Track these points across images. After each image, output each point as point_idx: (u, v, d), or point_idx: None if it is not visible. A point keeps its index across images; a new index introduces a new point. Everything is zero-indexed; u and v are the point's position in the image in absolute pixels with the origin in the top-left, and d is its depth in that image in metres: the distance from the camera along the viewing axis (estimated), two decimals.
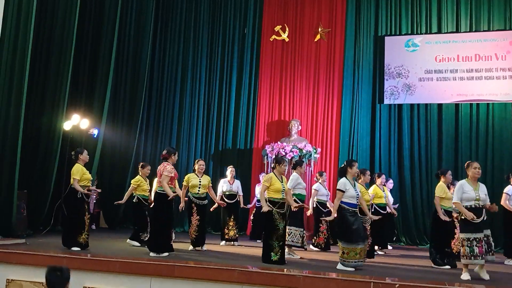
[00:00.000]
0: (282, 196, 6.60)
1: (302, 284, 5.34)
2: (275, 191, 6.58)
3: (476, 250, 5.70)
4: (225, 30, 13.52)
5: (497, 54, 11.77)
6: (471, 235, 5.76)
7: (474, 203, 5.89)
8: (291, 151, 11.49)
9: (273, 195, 6.59)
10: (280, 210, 6.56)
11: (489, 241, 5.83)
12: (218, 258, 7.02)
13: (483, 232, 5.77)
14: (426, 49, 12.23)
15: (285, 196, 6.63)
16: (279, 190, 6.57)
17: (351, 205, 6.24)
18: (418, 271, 6.70)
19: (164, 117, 13.45)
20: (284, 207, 6.63)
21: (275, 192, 6.58)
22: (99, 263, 6.07)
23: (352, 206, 6.25)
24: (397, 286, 5.07)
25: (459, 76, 11.97)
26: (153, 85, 13.55)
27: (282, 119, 12.80)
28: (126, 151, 12.33)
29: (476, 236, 5.74)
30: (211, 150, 13.10)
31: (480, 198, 5.89)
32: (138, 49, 12.88)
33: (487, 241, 5.79)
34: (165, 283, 5.75)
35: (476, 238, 5.73)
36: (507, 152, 11.34)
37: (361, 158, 12.10)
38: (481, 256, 5.68)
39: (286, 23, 13.13)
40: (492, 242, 5.90)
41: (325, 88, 12.69)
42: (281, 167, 6.73)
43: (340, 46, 12.74)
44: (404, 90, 12.25)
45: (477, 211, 5.85)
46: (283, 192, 6.61)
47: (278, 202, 6.58)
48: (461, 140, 11.73)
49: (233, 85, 13.25)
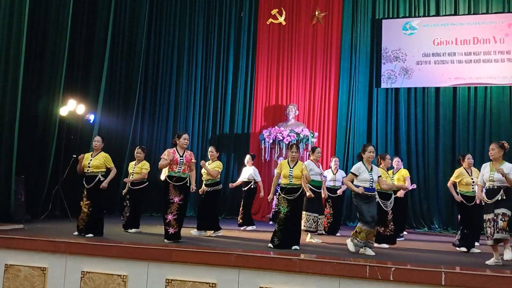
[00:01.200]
0: (290, 181, 6.71)
1: (298, 267, 5.37)
2: (284, 177, 6.79)
3: (488, 231, 5.84)
4: (221, 14, 13.42)
5: (496, 37, 11.71)
6: (486, 216, 5.91)
7: (489, 184, 5.94)
8: (288, 135, 11.49)
9: (282, 180, 6.82)
10: (287, 195, 6.65)
11: (497, 220, 5.80)
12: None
13: (492, 213, 5.84)
14: (423, 32, 12.17)
15: (294, 181, 6.72)
16: (286, 175, 6.75)
17: (364, 189, 6.35)
18: (413, 255, 6.76)
19: (161, 102, 13.42)
20: (293, 193, 6.69)
21: (283, 177, 6.81)
22: (97, 248, 6.08)
23: (365, 190, 6.35)
24: (393, 270, 5.10)
25: (457, 59, 11.93)
26: (148, 70, 13.48)
27: (280, 103, 12.77)
28: (122, 136, 12.32)
29: (487, 217, 5.88)
30: (208, 134, 13.09)
31: (494, 179, 5.88)
32: (133, 33, 12.80)
33: (495, 219, 5.81)
34: (163, 268, 5.78)
35: (488, 219, 5.87)
36: (504, 135, 11.31)
37: (358, 142, 12.12)
38: (490, 237, 5.81)
39: (282, 6, 13.03)
40: (501, 220, 5.79)
41: (322, 72, 12.66)
42: (290, 153, 6.90)
43: (337, 29, 12.67)
44: (401, 74, 12.21)
45: (492, 193, 5.90)
46: (291, 177, 6.70)
47: (284, 187, 6.73)
48: (458, 123, 11.74)
49: (230, 69, 13.20)
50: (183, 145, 7.02)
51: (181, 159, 6.91)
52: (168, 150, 7.02)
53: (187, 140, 7.08)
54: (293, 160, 6.86)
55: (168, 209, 6.82)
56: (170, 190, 6.84)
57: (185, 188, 6.96)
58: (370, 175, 6.41)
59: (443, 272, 4.97)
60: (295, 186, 6.73)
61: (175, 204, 6.82)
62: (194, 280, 5.65)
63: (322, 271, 5.31)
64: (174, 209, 6.81)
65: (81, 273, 5.98)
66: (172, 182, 6.84)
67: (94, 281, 5.94)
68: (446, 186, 11.38)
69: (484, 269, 5.24)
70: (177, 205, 6.82)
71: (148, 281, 5.82)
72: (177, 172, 6.89)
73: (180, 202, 6.84)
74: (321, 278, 5.31)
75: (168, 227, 6.79)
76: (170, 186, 6.85)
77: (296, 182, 6.74)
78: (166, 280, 5.72)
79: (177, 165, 6.88)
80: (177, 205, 6.82)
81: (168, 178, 6.91)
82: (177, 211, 6.82)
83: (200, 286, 5.62)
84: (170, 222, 6.78)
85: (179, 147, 7.01)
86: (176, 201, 6.82)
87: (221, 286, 5.58)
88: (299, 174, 6.76)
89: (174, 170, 6.89)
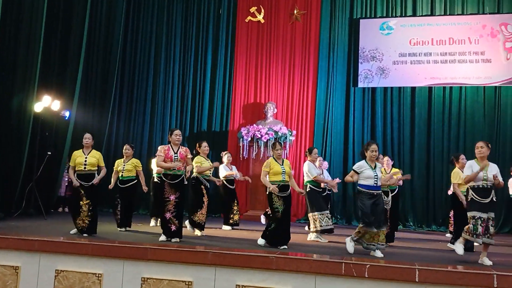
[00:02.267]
0: (283, 178, 6.67)
1: (275, 265, 5.38)
2: (275, 174, 6.68)
3: (479, 230, 5.77)
4: (200, 10, 13.36)
5: (470, 38, 11.92)
6: (478, 214, 5.81)
7: (482, 183, 5.88)
8: (266, 133, 11.52)
9: (273, 178, 6.69)
10: (280, 193, 6.60)
11: (488, 225, 5.81)
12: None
13: (487, 213, 5.82)
14: (400, 32, 12.31)
15: (286, 178, 6.68)
16: (278, 172, 6.67)
17: (367, 187, 6.17)
18: (391, 252, 6.83)
19: (137, 98, 13.31)
20: (285, 190, 6.67)
21: (275, 175, 6.68)
22: (71, 246, 6.00)
23: (368, 188, 6.16)
24: (368, 267, 5.15)
25: (433, 60, 12.10)
26: (125, 66, 13.36)
27: (258, 101, 12.77)
28: (98, 132, 12.10)
29: (481, 216, 5.79)
30: (186, 132, 13.02)
31: (488, 178, 5.86)
32: (110, 29, 12.65)
33: (487, 223, 5.80)
34: (138, 266, 5.73)
35: (481, 217, 5.78)
36: (478, 135, 11.54)
37: (335, 140, 12.24)
38: (482, 236, 5.76)
39: (261, 4, 13.04)
40: (492, 226, 5.87)
41: (301, 71, 12.70)
42: (275, 152, 6.81)
43: (316, 28, 12.73)
44: (378, 74, 12.34)
45: (485, 192, 5.87)
46: (284, 174, 6.67)
47: (278, 184, 6.66)
48: (433, 123, 11.92)
49: (208, 66, 13.15)
50: (175, 142, 6.92)
51: (176, 156, 6.84)
52: (162, 147, 6.95)
53: (178, 136, 6.95)
54: (279, 157, 6.82)
55: (165, 207, 6.77)
56: (166, 188, 6.80)
57: (181, 185, 6.88)
58: (374, 171, 6.19)
59: (417, 269, 5.04)
60: (287, 183, 6.71)
61: (172, 202, 6.77)
62: (170, 278, 5.62)
63: (298, 268, 5.33)
64: (172, 206, 6.77)
65: (55, 271, 5.89)
66: (168, 180, 6.79)
67: (68, 280, 5.86)
68: (422, 183, 11.71)
69: (457, 266, 5.32)
70: (174, 202, 6.78)
71: (124, 279, 5.76)
72: (171, 170, 6.82)
73: (176, 200, 6.79)
74: (297, 276, 5.34)
75: (170, 225, 6.71)
76: (165, 184, 6.79)
77: (287, 179, 6.72)
78: (142, 278, 5.68)
79: (172, 162, 6.81)
80: (174, 203, 6.78)
81: (164, 176, 6.85)
82: (175, 209, 6.78)
83: (176, 284, 5.60)
84: (170, 219, 6.72)
85: (173, 144, 6.93)
86: (172, 199, 6.78)
87: (197, 284, 5.56)
88: (289, 171, 6.76)
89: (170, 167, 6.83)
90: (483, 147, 5.99)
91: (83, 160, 7.05)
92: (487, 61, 11.76)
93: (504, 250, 7.52)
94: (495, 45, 11.78)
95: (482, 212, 5.80)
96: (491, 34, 11.81)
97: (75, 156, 7.12)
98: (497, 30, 11.77)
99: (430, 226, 11.54)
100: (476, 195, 5.88)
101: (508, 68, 11.62)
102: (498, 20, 11.80)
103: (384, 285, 5.11)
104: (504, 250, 7.52)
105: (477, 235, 5.78)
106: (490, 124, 11.62)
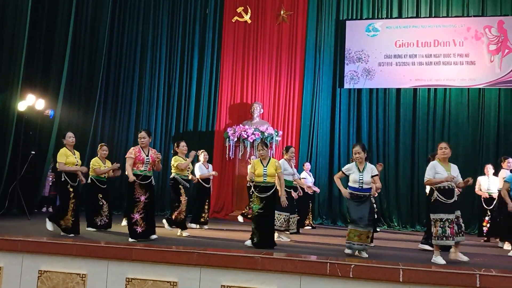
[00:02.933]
0: (264, 179, 6.66)
1: (260, 265, 5.39)
2: (257, 175, 6.70)
3: (448, 231, 5.76)
4: (186, 10, 13.31)
5: (455, 40, 12.05)
6: (444, 216, 5.81)
7: (447, 184, 5.92)
8: (253, 134, 11.52)
9: (256, 179, 6.71)
10: (260, 194, 6.61)
11: (459, 222, 5.90)
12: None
13: (454, 213, 5.85)
14: (386, 34, 12.40)
15: (268, 180, 6.68)
16: (260, 174, 6.68)
17: (353, 189, 6.22)
18: (376, 252, 6.87)
19: (123, 98, 13.21)
20: (266, 191, 6.63)
21: (257, 177, 6.70)
22: (55, 246, 5.95)
23: (354, 190, 6.22)
24: (353, 267, 5.18)
25: (418, 61, 12.21)
26: (111, 65, 13.26)
27: (244, 101, 12.77)
28: (83, 132, 12.01)
29: (448, 217, 5.80)
30: (171, 132, 12.97)
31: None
32: (95, 27, 12.54)
33: (457, 222, 5.87)
34: (123, 266, 5.70)
35: (448, 219, 5.79)
36: (462, 136, 11.72)
37: (321, 141, 12.29)
38: (452, 237, 5.76)
39: (248, 4, 13.03)
40: (462, 223, 5.97)
41: (287, 71, 12.73)
42: (258, 152, 6.84)
43: (302, 29, 12.77)
44: (363, 75, 12.41)
45: (449, 192, 5.91)
46: (265, 176, 6.66)
47: (258, 185, 6.67)
48: (418, 124, 12.02)
49: (195, 66, 13.11)
50: (141, 144, 6.94)
51: (147, 159, 6.87)
52: (133, 148, 6.94)
53: (141, 138, 6.95)
54: (264, 158, 6.81)
55: (134, 208, 6.74)
56: (136, 189, 6.77)
57: (151, 186, 6.90)
58: (361, 175, 6.21)
59: (401, 270, 5.09)
60: (269, 184, 6.69)
61: (141, 202, 6.75)
62: (155, 278, 5.60)
63: (283, 268, 5.35)
64: (141, 207, 6.75)
65: (38, 272, 5.84)
66: (138, 181, 6.77)
67: (51, 280, 5.81)
68: (406, 184, 11.81)
69: (441, 267, 5.37)
70: (143, 203, 6.76)
71: (108, 280, 5.73)
72: (142, 170, 6.83)
73: (146, 201, 6.77)
74: (282, 276, 5.35)
75: (136, 226, 6.69)
76: (136, 185, 6.76)
77: (270, 180, 6.70)
78: (127, 279, 5.65)
79: (143, 164, 6.83)
80: (143, 204, 6.76)
81: (136, 176, 6.80)
82: (144, 210, 6.76)
83: (161, 284, 5.58)
84: (137, 221, 6.70)
85: (141, 146, 6.93)
86: (142, 200, 6.76)
87: (182, 284, 5.55)
88: (273, 172, 6.73)
89: (140, 168, 6.83)
90: (446, 148, 6.06)
91: (75, 160, 7.05)
92: (471, 63, 11.90)
93: (486, 251, 7.60)
94: (479, 48, 11.92)
95: (448, 213, 5.83)
96: (475, 37, 11.95)
97: (66, 154, 7.04)
98: (481, 32, 11.92)
99: (415, 226, 11.63)
100: (442, 195, 5.90)
101: (492, 70, 11.76)
102: (482, 22, 11.95)
103: (368, 285, 5.15)
104: (487, 251, 7.61)
105: (446, 237, 5.78)
106: (473, 125, 11.75)
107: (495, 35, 11.85)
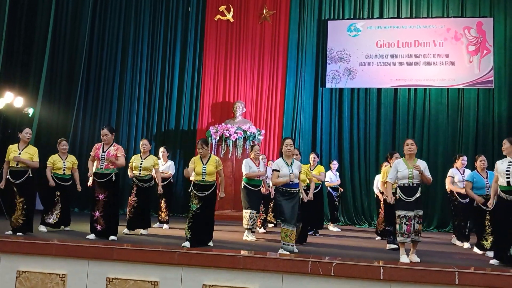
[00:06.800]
0: (203, 178, 6.49)
1: (242, 264, 5.39)
2: (196, 174, 6.53)
3: (404, 228, 5.79)
4: (168, 8, 13.21)
5: (435, 40, 12.19)
6: (403, 213, 5.83)
7: (408, 181, 5.89)
8: (235, 132, 11.50)
9: (195, 177, 6.55)
10: (198, 192, 6.47)
11: (416, 222, 5.84)
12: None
13: (413, 211, 5.83)
14: (367, 34, 12.49)
15: (207, 178, 6.49)
16: (199, 172, 6.50)
17: (284, 185, 6.09)
18: (355, 250, 6.93)
19: (104, 96, 13.07)
20: (204, 190, 6.48)
21: (196, 174, 6.54)
22: (34, 246, 5.86)
23: (284, 186, 6.09)
24: (334, 265, 5.21)
25: (399, 61, 12.32)
26: (92, 63, 13.09)
27: (227, 100, 12.75)
28: (63, 130, 11.89)
29: (406, 214, 5.81)
30: (153, 130, 12.88)
31: (413, 177, 5.86)
32: (76, 24, 12.41)
33: (417, 221, 5.86)
34: (103, 266, 5.65)
35: (406, 216, 5.81)
36: (442, 136, 11.86)
37: (303, 140, 12.33)
38: (407, 235, 5.77)
39: (230, 3, 13.00)
40: (418, 223, 5.86)
41: (270, 71, 12.74)
42: (198, 150, 6.65)
43: (285, 28, 12.79)
44: (345, 75, 12.49)
45: (411, 190, 5.88)
46: (204, 174, 6.47)
47: (197, 184, 6.52)
48: (398, 123, 12.13)
49: (176, 64, 13.04)
50: (103, 141, 6.90)
51: (103, 155, 6.80)
52: (96, 144, 6.99)
53: (103, 136, 6.90)
54: (204, 156, 6.62)
55: (94, 206, 6.80)
56: (95, 187, 6.81)
57: (110, 184, 6.79)
58: (290, 169, 6.08)
59: (382, 268, 5.13)
60: (208, 183, 6.53)
61: (101, 201, 6.75)
62: (136, 278, 5.57)
63: (265, 267, 5.36)
64: (100, 206, 6.76)
65: (17, 272, 5.75)
66: (96, 179, 6.79)
67: (30, 281, 5.72)
68: None
69: (420, 264, 5.44)
70: (103, 202, 6.75)
71: (88, 280, 5.67)
72: (99, 168, 6.82)
73: (105, 199, 6.74)
74: (264, 275, 5.36)
75: (96, 224, 6.75)
76: (94, 183, 6.81)
77: (209, 179, 6.53)
78: (107, 278, 5.60)
79: (99, 161, 6.82)
80: (102, 202, 6.74)
81: (94, 175, 6.89)
82: (104, 208, 6.74)
83: (143, 284, 5.54)
84: (97, 219, 6.75)
85: (104, 143, 6.91)
86: (101, 198, 6.76)
87: (164, 284, 5.52)
88: (212, 170, 6.55)
89: (97, 166, 6.85)
90: (413, 145, 6.01)
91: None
92: (451, 63, 12.06)
93: (463, 250, 7.71)
94: (459, 48, 12.08)
95: (407, 210, 5.82)
96: (455, 38, 12.11)
97: (9, 151, 6.93)
98: (461, 33, 12.08)
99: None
100: (402, 193, 5.90)
101: (471, 70, 11.94)
102: (462, 23, 12.11)
103: (350, 283, 5.19)
104: (464, 250, 7.71)
105: (401, 234, 5.81)
106: (453, 125, 11.90)
107: (474, 36, 12.02)
